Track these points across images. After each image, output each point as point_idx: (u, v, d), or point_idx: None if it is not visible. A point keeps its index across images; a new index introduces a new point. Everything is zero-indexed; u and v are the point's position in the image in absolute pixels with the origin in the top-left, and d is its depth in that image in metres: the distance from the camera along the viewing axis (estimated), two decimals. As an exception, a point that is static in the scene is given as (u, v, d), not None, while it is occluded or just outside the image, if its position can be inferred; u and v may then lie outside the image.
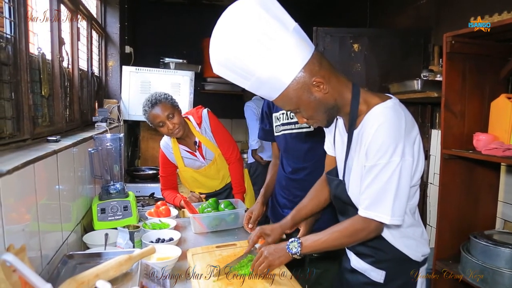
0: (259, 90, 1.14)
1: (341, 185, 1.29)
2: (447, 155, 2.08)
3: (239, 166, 2.42)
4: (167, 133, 2.20)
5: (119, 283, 1.16)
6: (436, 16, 2.96)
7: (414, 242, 1.28)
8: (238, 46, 1.05)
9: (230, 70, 1.10)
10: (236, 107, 5.23)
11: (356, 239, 1.23)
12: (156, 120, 2.15)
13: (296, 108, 1.16)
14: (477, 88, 2.11)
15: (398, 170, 1.10)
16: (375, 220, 1.15)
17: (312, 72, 1.10)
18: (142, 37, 4.78)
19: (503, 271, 1.74)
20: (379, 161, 1.11)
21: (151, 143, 3.71)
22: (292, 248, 1.28)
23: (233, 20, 1.06)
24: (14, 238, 1.04)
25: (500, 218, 2.26)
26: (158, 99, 2.14)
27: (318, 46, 2.99)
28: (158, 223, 1.91)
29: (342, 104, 1.20)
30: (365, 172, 1.16)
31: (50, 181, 1.39)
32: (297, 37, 1.08)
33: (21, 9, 1.42)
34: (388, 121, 1.11)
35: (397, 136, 1.10)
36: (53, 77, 1.91)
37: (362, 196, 1.18)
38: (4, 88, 1.34)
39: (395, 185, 1.11)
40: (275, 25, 1.05)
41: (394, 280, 1.29)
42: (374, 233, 1.20)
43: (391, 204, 1.12)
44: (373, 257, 1.30)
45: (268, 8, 1.06)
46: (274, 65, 1.06)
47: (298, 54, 1.08)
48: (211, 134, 2.35)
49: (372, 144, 1.11)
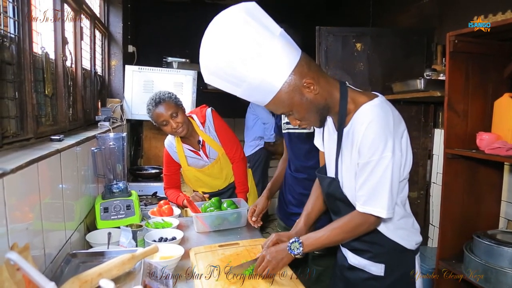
0: (251, 97, 1.16)
1: (334, 183, 1.31)
2: (450, 154, 2.07)
3: (242, 165, 2.42)
4: (171, 132, 2.20)
5: (122, 282, 1.16)
6: (439, 15, 2.95)
7: (407, 232, 1.32)
8: (228, 53, 1.07)
9: (221, 78, 1.12)
10: (238, 107, 5.21)
11: (357, 233, 1.27)
12: (160, 119, 2.16)
13: (289, 110, 1.19)
14: (480, 87, 2.10)
15: (391, 165, 1.14)
16: (373, 214, 1.19)
17: (302, 74, 1.13)
18: (145, 36, 4.79)
19: (506, 271, 1.74)
20: (372, 158, 1.15)
21: (154, 142, 3.71)
22: (294, 249, 1.29)
23: (221, 29, 1.08)
24: (18, 236, 1.05)
25: (503, 218, 2.25)
26: (162, 98, 2.15)
27: (321, 45, 2.99)
28: (161, 222, 1.92)
29: (332, 103, 1.23)
30: (359, 169, 1.19)
31: (53, 180, 1.40)
32: (284, 41, 1.11)
33: (25, 8, 1.42)
34: (376, 119, 1.14)
35: (386, 132, 1.14)
36: (57, 77, 1.91)
37: (358, 193, 1.21)
38: (8, 87, 1.34)
39: (389, 180, 1.15)
40: (262, 31, 1.07)
41: (394, 272, 1.32)
42: (373, 226, 1.25)
43: (387, 199, 1.17)
44: (370, 252, 1.33)
45: (254, 15, 1.08)
46: (264, 69, 1.08)
47: (287, 58, 1.10)
48: (215, 133, 2.35)
49: (364, 142, 1.15)
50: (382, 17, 3.75)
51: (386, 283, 1.32)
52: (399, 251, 1.31)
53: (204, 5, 4.86)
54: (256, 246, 1.65)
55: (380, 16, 3.79)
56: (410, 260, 1.34)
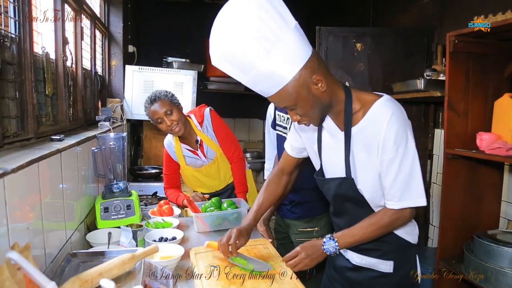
0: (257, 86, 1.13)
1: (346, 182, 1.28)
2: (450, 154, 2.08)
3: (241, 165, 2.42)
4: (166, 129, 2.21)
5: (123, 281, 1.17)
6: (439, 15, 2.94)
7: (409, 226, 1.35)
8: (241, 38, 1.04)
9: (229, 62, 1.09)
10: (239, 107, 5.24)
11: (392, 228, 1.29)
12: (155, 116, 2.18)
13: (294, 104, 1.16)
14: (480, 87, 2.10)
15: (416, 154, 1.18)
16: (411, 207, 1.22)
17: (313, 69, 1.11)
18: (145, 36, 4.79)
19: (506, 271, 1.74)
20: (398, 151, 1.16)
21: (154, 142, 3.71)
22: (330, 248, 1.30)
23: (236, 12, 1.04)
24: (19, 236, 1.05)
25: (503, 218, 2.25)
26: (158, 96, 2.19)
27: (321, 46, 2.99)
28: (161, 222, 1.92)
29: (335, 102, 1.22)
30: (386, 166, 1.19)
31: (54, 179, 1.40)
32: (298, 34, 1.09)
33: (26, 8, 1.42)
34: (395, 113, 1.16)
35: (405, 125, 1.17)
36: (57, 76, 1.91)
37: (391, 191, 1.21)
38: (9, 87, 1.34)
39: (418, 168, 1.19)
40: (279, 20, 1.05)
41: (402, 267, 1.35)
42: (408, 219, 1.27)
43: (421, 185, 1.19)
44: (380, 250, 1.34)
45: (271, 1, 1.06)
46: (276, 60, 1.06)
47: (300, 51, 1.09)
48: (213, 133, 2.35)
49: (387, 137, 1.16)
50: (383, 17, 3.74)
51: (394, 279, 1.35)
52: (405, 246, 1.35)
53: (204, 5, 4.86)
54: (256, 246, 1.65)
55: (380, 16, 3.79)
56: (414, 255, 1.39)
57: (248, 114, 5.45)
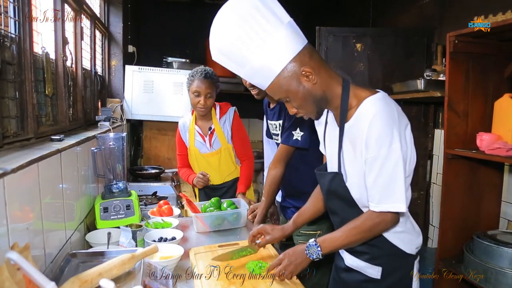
0: (253, 79, 1.20)
1: (337, 177, 1.28)
2: (450, 155, 2.08)
3: (250, 163, 2.54)
4: (195, 104, 2.33)
5: (122, 281, 1.17)
6: (439, 16, 2.95)
7: (407, 235, 1.30)
8: (234, 34, 1.12)
9: (226, 56, 1.16)
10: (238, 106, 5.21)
11: (375, 232, 1.24)
12: (198, 89, 2.28)
13: (286, 96, 1.21)
14: (480, 87, 2.10)
15: (401, 156, 1.12)
16: (391, 211, 1.17)
17: (302, 62, 1.15)
18: (145, 36, 4.78)
19: (506, 271, 1.74)
20: (380, 151, 1.12)
21: (153, 142, 3.71)
22: (312, 253, 1.28)
23: (231, 9, 1.13)
24: (19, 236, 1.05)
25: (503, 218, 2.25)
26: (211, 76, 2.32)
27: (321, 46, 2.99)
28: (160, 222, 1.92)
29: (330, 96, 1.23)
30: (368, 165, 1.16)
31: (53, 180, 1.40)
32: (290, 29, 1.14)
33: (26, 8, 1.42)
34: (381, 111, 1.14)
35: (392, 124, 1.12)
36: (57, 77, 1.91)
37: (371, 192, 1.18)
38: (9, 87, 1.34)
39: (401, 172, 1.13)
40: (270, 17, 1.11)
41: (391, 275, 1.30)
42: (391, 224, 1.22)
43: (403, 191, 1.13)
44: (368, 254, 1.31)
45: (265, 2, 1.13)
46: (266, 54, 1.12)
47: (289, 45, 1.13)
48: (229, 129, 2.47)
49: (370, 135, 1.13)
50: (382, 17, 3.75)
51: (382, 286, 1.30)
52: (398, 255, 1.29)
53: (204, 6, 4.86)
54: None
55: (380, 16, 3.79)
56: (409, 265, 1.31)
57: (248, 114, 5.42)
